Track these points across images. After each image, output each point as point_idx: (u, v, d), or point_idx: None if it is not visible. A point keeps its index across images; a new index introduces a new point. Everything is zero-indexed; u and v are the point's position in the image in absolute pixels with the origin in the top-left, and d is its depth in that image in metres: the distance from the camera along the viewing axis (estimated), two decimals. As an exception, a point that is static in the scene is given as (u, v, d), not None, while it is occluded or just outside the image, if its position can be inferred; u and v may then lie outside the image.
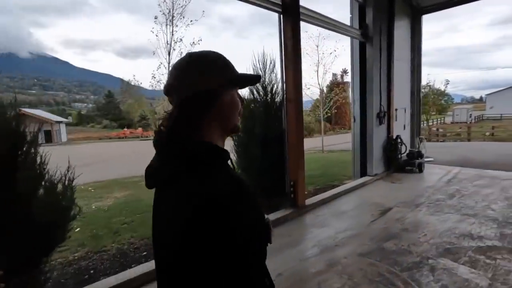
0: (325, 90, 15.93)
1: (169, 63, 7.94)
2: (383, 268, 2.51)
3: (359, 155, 5.68)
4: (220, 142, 0.71)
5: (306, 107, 32.90)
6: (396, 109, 6.16)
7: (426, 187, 5.00)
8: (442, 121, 36.85)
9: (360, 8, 5.36)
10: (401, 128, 6.44)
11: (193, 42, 8.01)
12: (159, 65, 8.08)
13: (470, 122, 34.64)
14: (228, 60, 0.72)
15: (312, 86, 13.69)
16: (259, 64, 4.08)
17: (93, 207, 5.41)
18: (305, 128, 27.34)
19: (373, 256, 2.71)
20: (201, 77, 0.66)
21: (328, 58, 12.83)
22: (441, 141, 17.02)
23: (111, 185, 7.47)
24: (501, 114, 39.40)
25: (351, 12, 5.45)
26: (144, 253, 3.28)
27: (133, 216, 4.60)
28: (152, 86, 8.62)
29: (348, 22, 5.44)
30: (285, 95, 3.78)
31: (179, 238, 0.56)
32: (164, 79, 8.09)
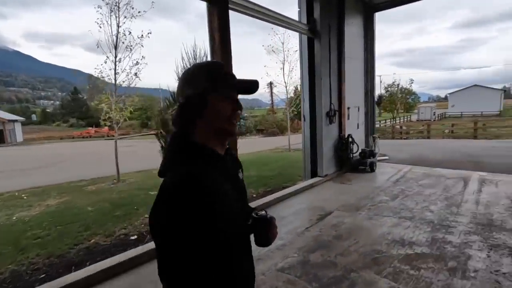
0: (293, 88, 15.82)
1: (115, 57, 7.32)
2: (300, 285, 2.26)
3: (309, 156, 5.49)
4: (214, 144, 0.78)
5: (278, 105, 32.98)
6: (348, 108, 6.04)
7: (373, 188, 4.90)
8: (408, 118, 38.47)
9: (308, 2, 5.14)
10: (354, 127, 6.35)
11: (141, 35, 7.42)
12: (106, 59, 7.41)
13: (433, 120, 36.38)
14: (219, 67, 0.81)
15: (279, 84, 13.48)
16: (190, 59, 3.73)
17: (14, 218, 4.79)
18: (278, 126, 27.35)
19: (293, 271, 2.46)
20: (187, 83, 0.78)
21: (294, 56, 12.64)
22: (404, 139, 17.58)
23: (49, 191, 6.78)
24: (461, 112, 41.83)
25: (299, 6, 5.22)
26: (43, 275, 2.82)
27: (53, 229, 4.07)
28: (127, 82, 7.82)
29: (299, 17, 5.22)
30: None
31: (152, 218, 0.69)
32: (111, 74, 7.45)
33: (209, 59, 3.56)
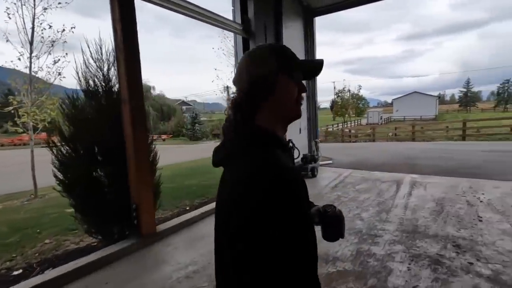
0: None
1: (31, 52, 6.31)
2: (198, 328, 1.86)
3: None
4: (278, 129, 0.75)
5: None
6: (289, 112, 5.87)
7: (310, 194, 4.69)
8: (359, 122, 40.91)
9: (242, 1, 4.85)
10: (296, 132, 6.21)
11: (63, 29, 6.51)
12: (21, 54, 6.34)
13: (380, 124, 39.15)
14: (285, 48, 0.76)
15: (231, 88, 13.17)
16: (96, 54, 3.16)
17: None
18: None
19: (196, 308, 2.05)
20: (253, 66, 0.73)
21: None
22: (353, 142, 18.41)
23: None
24: (404, 116, 45.69)
25: (233, 4, 4.92)
26: None
27: None
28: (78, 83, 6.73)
29: (234, 16, 4.90)
30: (120, 95, 2.93)
31: (253, 204, 0.60)
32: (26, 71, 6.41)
33: (112, 53, 3.04)
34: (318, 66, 0.79)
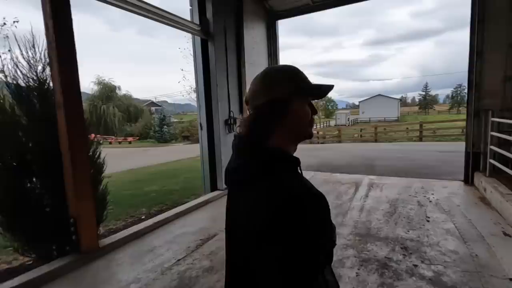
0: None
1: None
2: None
3: (208, 167, 5.02)
4: (291, 149, 0.78)
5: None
6: (251, 115, 5.81)
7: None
8: (328, 124, 42.18)
9: (200, 1, 4.70)
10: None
11: (4, 23, 5.91)
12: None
13: (348, 125, 40.69)
14: (298, 71, 0.78)
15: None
16: (28, 52, 2.84)
17: None
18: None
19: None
20: (269, 88, 0.74)
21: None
22: (321, 143, 18.87)
23: None
24: (369, 118, 47.94)
25: (191, 4, 4.75)
26: None
27: None
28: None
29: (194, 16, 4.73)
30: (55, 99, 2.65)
31: (262, 229, 0.64)
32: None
33: (46, 51, 2.75)
34: (327, 90, 0.80)
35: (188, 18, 4.68)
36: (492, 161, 4.30)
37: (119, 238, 3.13)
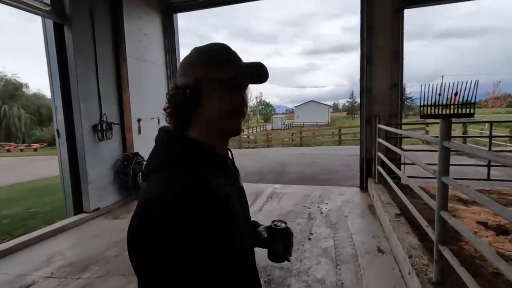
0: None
1: None
2: None
3: (69, 185, 3.98)
4: (217, 142, 0.67)
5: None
6: (139, 120, 4.94)
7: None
8: (264, 128, 42.99)
9: (51, -27, 3.69)
10: (151, 142, 5.31)
11: None
12: None
13: (283, 129, 42.08)
14: (223, 51, 0.66)
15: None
16: None
17: None
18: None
19: None
20: (185, 72, 0.65)
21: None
22: (252, 147, 18.71)
23: None
24: (303, 122, 50.54)
25: (38, -23, 3.69)
26: None
27: None
28: None
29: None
30: None
31: (129, 233, 0.56)
32: None
33: None
34: (258, 71, 0.66)
35: (37, -5, 3.63)
36: (379, 167, 4.26)
37: None
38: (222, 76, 0.63)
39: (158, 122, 5.50)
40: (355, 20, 4.82)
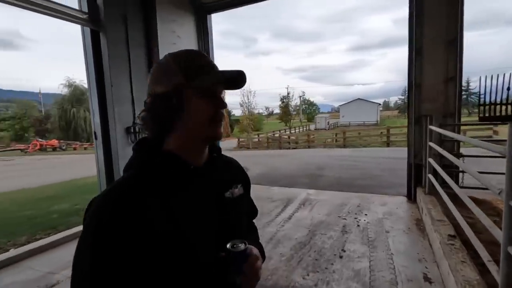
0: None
1: None
2: None
3: (105, 185, 4.14)
4: (192, 151, 0.66)
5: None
6: (171, 122, 4.99)
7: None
8: (307, 128, 41.86)
9: (88, -16, 3.86)
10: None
11: None
12: None
13: (327, 129, 40.52)
14: (198, 56, 0.66)
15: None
16: None
17: None
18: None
19: None
20: (160, 78, 0.64)
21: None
22: (293, 148, 18.27)
23: None
24: (349, 122, 48.06)
25: (77, -12, 3.90)
26: None
27: None
28: None
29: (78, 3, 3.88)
30: None
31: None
32: None
33: None
34: (238, 77, 0.66)
35: (76, 6, 3.85)
36: (430, 176, 3.66)
37: None
38: (203, 82, 0.63)
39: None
40: (406, 10, 4.17)
